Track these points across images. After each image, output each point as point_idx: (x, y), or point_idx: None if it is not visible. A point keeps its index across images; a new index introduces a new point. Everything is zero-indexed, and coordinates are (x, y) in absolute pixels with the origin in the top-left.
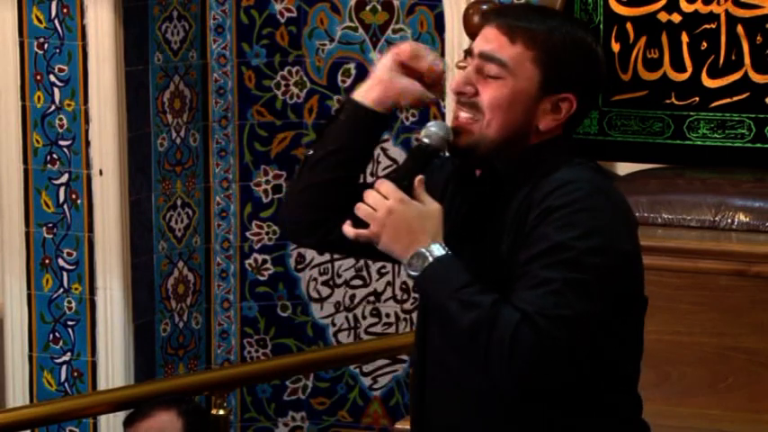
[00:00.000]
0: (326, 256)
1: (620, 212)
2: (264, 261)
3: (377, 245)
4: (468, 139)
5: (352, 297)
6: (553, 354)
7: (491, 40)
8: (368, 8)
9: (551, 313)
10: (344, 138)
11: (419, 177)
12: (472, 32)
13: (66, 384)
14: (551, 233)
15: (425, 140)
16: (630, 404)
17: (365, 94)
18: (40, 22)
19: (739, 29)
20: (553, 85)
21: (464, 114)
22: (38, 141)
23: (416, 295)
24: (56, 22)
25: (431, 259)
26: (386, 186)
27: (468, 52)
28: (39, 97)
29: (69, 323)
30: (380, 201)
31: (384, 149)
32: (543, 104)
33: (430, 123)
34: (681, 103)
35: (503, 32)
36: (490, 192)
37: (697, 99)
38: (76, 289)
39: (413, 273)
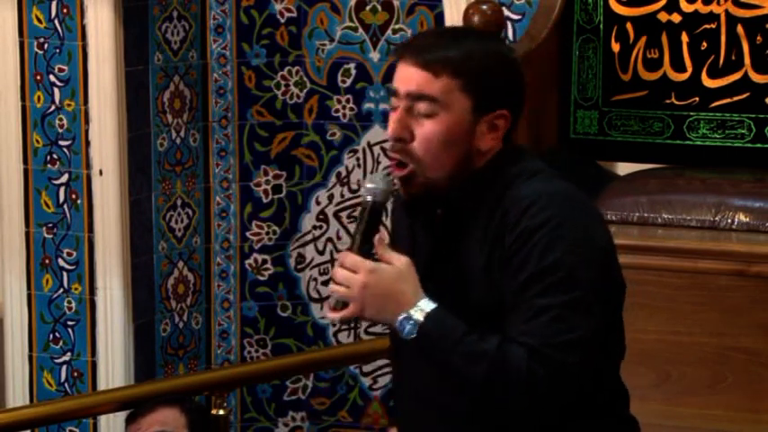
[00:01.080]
0: (327, 256)
1: (590, 214)
2: (264, 261)
3: (362, 319)
4: (415, 188)
5: None
6: (568, 379)
7: (414, 78)
8: (368, 8)
9: (557, 341)
10: None
11: (377, 237)
12: None
13: (66, 384)
14: (536, 257)
15: (369, 198)
16: (620, 399)
17: None
18: (40, 22)
19: (739, 29)
20: (485, 107)
21: (399, 171)
22: (38, 141)
23: None
24: (56, 22)
25: (421, 319)
26: (350, 259)
27: (393, 93)
28: (39, 97)
29: (69, 323)
30: (351, 277)
31: (384, 149)
32: (480, 127)
33: (367, 179)
34: (681, 103)
35: (424, 68)
36: (452, 225)
37: (697, 99)
38: (76, 289)
39: (408, 338)
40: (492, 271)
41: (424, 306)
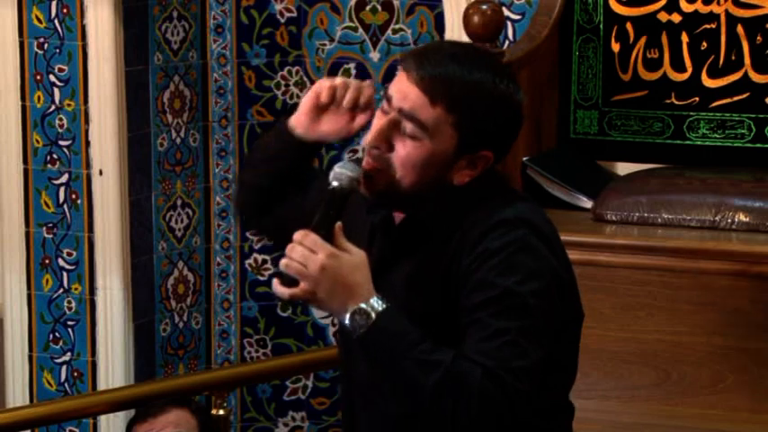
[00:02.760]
0: None
1: (551, 243)
2: (264, 261)
3: (310, 302)
4: (378, 186)
5: None
6: (518, 404)
7: (411, 97)
8: (368, 8)
9: (511, 366)
10: (273, 154)
11: (338, 224)
12: (472, 32)
13: (66, 384)
14: (494, 279)
15: (335, 184)
16: (565, 419)
17: (295, 119)
18: (40, 22)
19: (739, 29)
20: (471, 146)
21: (370, 168)
22: (38, 141)
23: None
24: (56, 22)
25: (374, 316)
26: (311, 239)
27: (388, 98)
28: (39, 97)
29: (69, 323)
30: (309, 256)
31: None
32: (459, 163)
33: (337, 165)
34: (681, 103)
35: (424, 91)
36: (410, 232)
37: (697, 99)
38: (76, 289)
39: (358, 331)
40: (442, 285)
41: (377, 303)
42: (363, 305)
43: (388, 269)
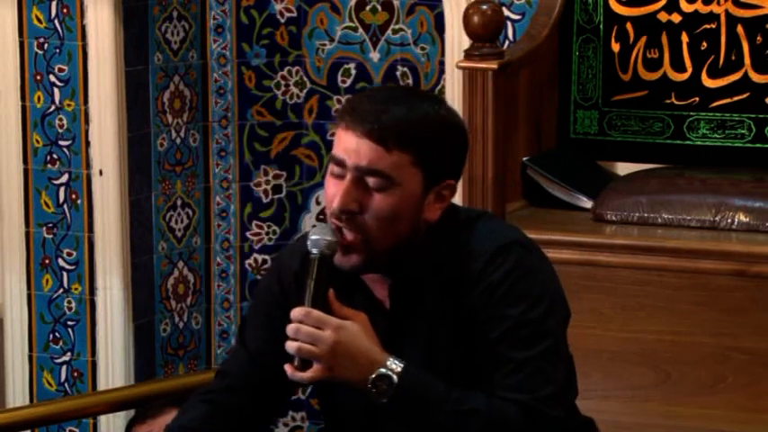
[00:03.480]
0: None
1: (541, 257)
2: (264, 261)
3: (328, 379)
4: (359, 258)
5: None
6: (558, 429)
7: (365, 152)
8: (368, 8)
9: (541, 394)
10: None
11: (331, 292)
12: (472, 32)
13: (66, 384)
14: (504, 311)
15: (315, 251)
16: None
17: None
18: (40, 22)
19: (739, 29)
20: (435, 178)
21: (345, 240)
22: (38, 141)
23: None
24: (56, 22)
25: (395, 378)
26: (313, 316)
27: (338, 162)
28: (39, 97)
29: (69, 323)
30: (317, 334)
31: None
32: (428, 198)
33: (311, 232)
34: (681, 103)
35: (376, 142)
36: (403, 298)
37: (697, 99)
38: (76, 289)
39: (385, 397)
40: (455, 336)
41: (395, 364)
42: (383, 369)
43: (393, 338)
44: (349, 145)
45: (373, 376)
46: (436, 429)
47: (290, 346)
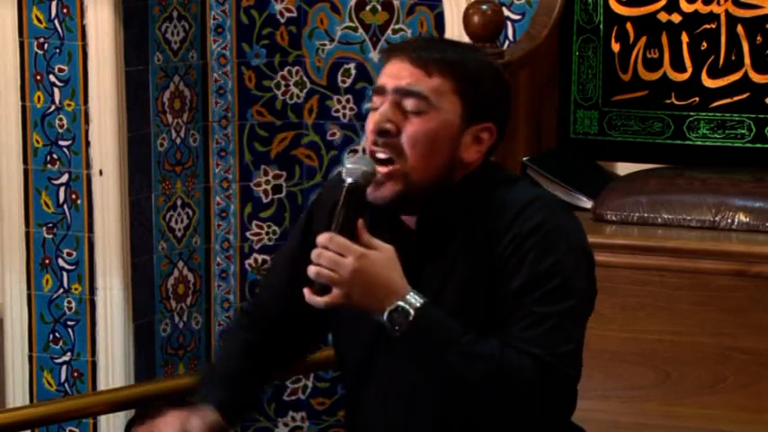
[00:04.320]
0: None
1: (576, 221)
2: (264, 261)
3: (346, 306)
4: (395, 189)
5: None
6: (569, 389)
7: (405, 74)
8: (368, 8)
9: (559, 351)
10: None
11: (360, 221)
12: (472, 32)
13: (66, 384)
14: (530, 263)
15: (350, 180)
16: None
17: None
18: (40, 22)
19: (739, 29)
20: (474, 116)
21: (383, 167)
22: (38, 141)
23: None
24: (56, 22)
25: (412, 312)
26: (337, 242)
27: (379, 90)
28: (39, 97)
29: (69, 323)
30: (338, 261)
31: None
32: (465, 137)
33: (348, 161)
34: (681, 103)
35: (416, 66)
36: (430, 236)
37: (697, 99)
38: (76, 289)
39: (399, 329)
40: (476, 283)
41: (415, 299)
42: (401, 302)
43: (416, 275)
44: (391, 70)
45: (391, 308)
46: (446, 369)
47: (311, 270)
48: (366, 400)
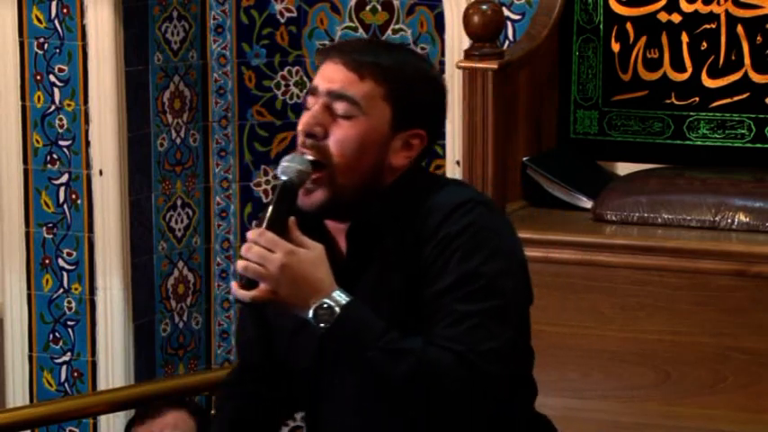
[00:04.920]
0: None
1: (507, 223)
2: None
3: (271, 303)
4: (324, 195)
5: None
6: (491, 387)
7: (339, 77)
8: (368, 8)
9: (481, 349)
10: None
11: (292, 219)
12: (472, 32)
13: (66, 384)
14: (456, 263)
15: (285, 178)
16: (527, 396)
17: None
18: (40, 22)
19: (739, 29)
20: (405, 122)
21: (310, 152)
22: (38, 141)
23: None
24: (56, 22)
25: (338, 309)
26: (266, 238)
27: (312, 91)
28: (39, 97)
29: (69, 323)
30: (267, 255)
31: None
32: (394, 142)
33: (284, 159)
34: (681, 103)
35: (350, 69)
36: (361, 243)
37: (697, 99)
38: (76, 289)
39: (323, 326)
40: (408, 287)
41: (341, 296)
42: (326, 300)
43: (346, 281)
44: (325, 72)
45: (316, 305)
46: (369, 366)
47: (239, 264)
48: (324, 412)
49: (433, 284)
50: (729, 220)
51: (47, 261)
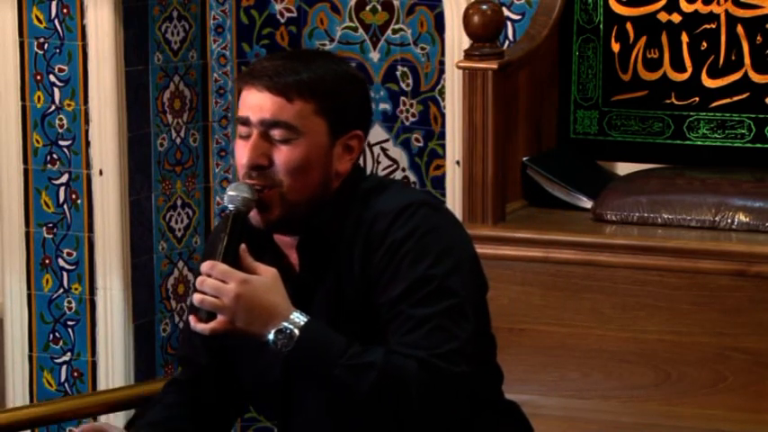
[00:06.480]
0: None
1: (452, 221)
2: None
3: (230, 332)
4: (276, 211)
5: None
6: (457, 386)
7: (267, 105)
8: (368, 8)
9: (442, 351)
10: None
11: (243, 247)
12: (472, 32)
13: (66, 384)
14: (407, 269)
15: (232, 207)
16: (497, 384)
17: None
18: (40, 22)
19: (739, 29)
20: (341, 128)
21: (263, 190)
22: (38, 141)
23: None
24: (56, 22)
25: (297, 332)
26: (219, 269)
27: (244, 121)
28: (39, 97)
29: (69, 323)
30: (221, 287)
31: (384, 149)
32: (336, 149)
33: (229, 188)
34: (681, 103)
35: (276, 94)
36: (314, 255)
37: (697, 99)
38: (76, 289)
39: (284, 350)
40: (363, 296)
41: (299, 318)
42: (284, 323)
43: (301, 297)
44: (252, 101)
45: (275, 329)
46: (335, 384)
47: (195, 297)
48: (295, 425)
49: (386, 292)
50: (729, 220)
51: (47, 261)
